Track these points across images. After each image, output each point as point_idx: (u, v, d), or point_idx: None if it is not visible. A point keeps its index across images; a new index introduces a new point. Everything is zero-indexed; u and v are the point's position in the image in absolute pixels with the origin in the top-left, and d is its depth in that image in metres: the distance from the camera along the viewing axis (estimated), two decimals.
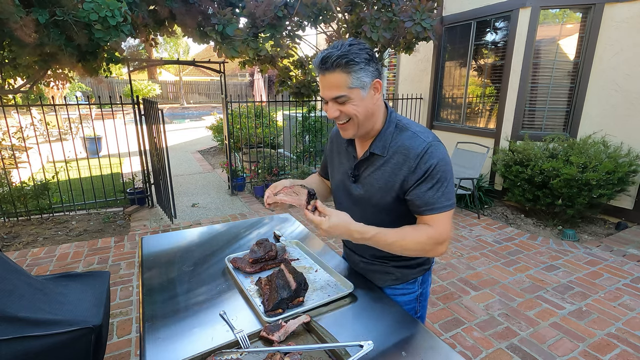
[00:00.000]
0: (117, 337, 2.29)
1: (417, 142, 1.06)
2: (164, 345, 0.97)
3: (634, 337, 2.30)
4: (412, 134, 1.09)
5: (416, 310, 1.31)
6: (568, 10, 4.31)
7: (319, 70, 1.02)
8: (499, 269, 3.17)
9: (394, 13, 4.05)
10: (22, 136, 5.29)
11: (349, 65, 0.97)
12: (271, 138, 6.95)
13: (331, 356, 0.93)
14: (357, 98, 1.02)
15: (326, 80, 1.01)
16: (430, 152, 1.04)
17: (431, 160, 1.04)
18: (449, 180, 1.07)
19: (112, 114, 5.05)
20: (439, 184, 1.05)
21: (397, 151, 1.09)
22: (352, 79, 0.99)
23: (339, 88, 1.00)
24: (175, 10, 3.75)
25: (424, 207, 1.06)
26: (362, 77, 0.99)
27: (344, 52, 0.97)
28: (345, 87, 1.00)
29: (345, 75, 0.98)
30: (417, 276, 1.27)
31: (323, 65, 0.99)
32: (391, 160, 1.10)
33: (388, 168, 1.10)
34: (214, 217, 4.42)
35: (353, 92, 1.00)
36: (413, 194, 1.07)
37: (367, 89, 1.02)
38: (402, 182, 1.08)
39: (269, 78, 16.94)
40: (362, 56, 0.98)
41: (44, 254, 3.38)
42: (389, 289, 1.28)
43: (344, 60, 0.97)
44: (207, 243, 1.63)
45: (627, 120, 4.02)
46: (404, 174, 1.07)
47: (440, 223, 1.06)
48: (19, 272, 1.18)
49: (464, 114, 5.41)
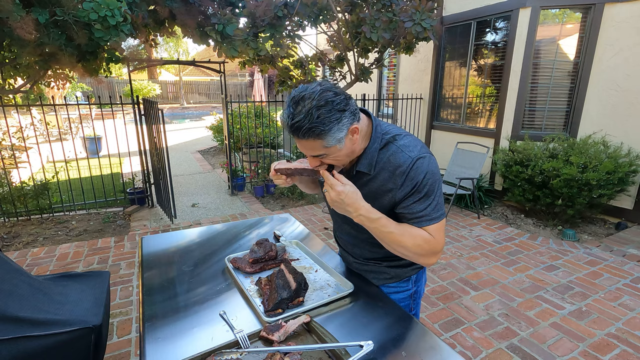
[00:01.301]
0: (117, 337, 2.29)
1: (402, 159, 1.06)
2: (164, 345, 0.97)
3: (634, 337, 2.30)
4: (397, 149, 1.08)
5: (410, 307, 1.34)
6: (568, 10, 4.31)
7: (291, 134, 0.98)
8: (499, 269, 3.17)
9: (394, 13, 4.05)
10: (22, 136, 5.29)
11: (321, 134, 0.95)
12: (271, 138, 6.96)
13: (331, 356, 0.93)
14: (335, 151, 1.01)
15: (301, 143, 1.00)
16: (416, 167, 1.04)
17: (418, 176, 1.04)
18: (437, 192, 1.08)
19: (112, 114, 5.05)
20: (426, 197, 1.06)
21: (384, 167, 1.09)
22: (326, 141, 0.97)
23: (315, 150, 1.00)
24: (175, 10, 3.75)
25: (414, 220, 1.07)
26: (337, 136, 0.97)
27: (313, 123, 0.92)
28: (322, 148, 0.99)
29: (320, 141, 0.97)
30: (411, 274, 1.30)
31: (294, 134, 0.97)
32: (378, 177, 1.10)
33: (375, 185, 1.11)
34: (214, 217, 4.42)
35: (330, 149, 1.00)
36: (403, 208, 1.08)
37: (344, 140, 1.00)
38: (390, 198, 1.09)
39: (269, 78, 16.94)
40: (332, 118, 0.94)
41: (44, 254, 3.38)
42: (384, 287, 1.30)
43: (315, 132, 0.94)
44: (207, 243, 1.63)
45: (627, 120, 4.02)
46: (392, 191, 1.08)
47: (433, 233, 1.07)
48: (19, 272, 1.18)
49: (464, 114, 5.41)
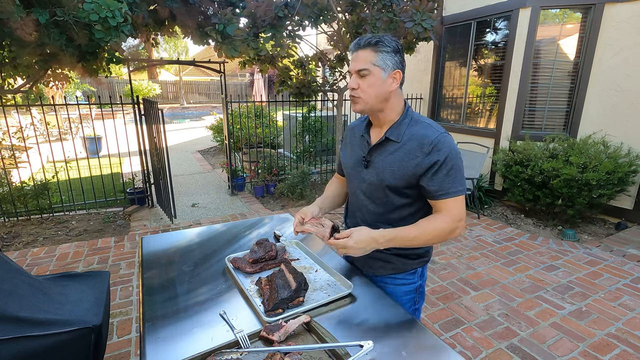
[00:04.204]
0: (117, 337, 2.29)
1: (430, 131, 1.16)
2: (164, 345, 0.97)
3: (634, 337, 2.30)
4: (427, 124, 1.19)
5: (415, 300, 1.36)
6: (568, 10, 4.31)
7: (353, 49, 1.16)
8: (499, 269, 3.17)
9: (394, 13, 4.05)
10: (22, 136, 5.29)
11: (377, 45, 1.12)
12: (271, 138, 6.96)
13: (331, 356, 0.93)
14: (377, 76, 1.14)
15: (357, 55, 1.15)
16: (443, 140, 1.14)
17: (444, 148, 1.13)
18: (461, 168, 1.16)
19: (112, 113, 5.05)
20: (453, 170, 1.13)
21: (411, 138, 1.17)
22: (377, 58, 1.12)
23: (364, 62, 1.13)
24: (176, 10, 3.75)
25: (439, 191, 1.14)
26: (386, 60, 1.13)
27: (377, 36, 1.14)
28: (370, 63, 1.13)
29: (374, 53, 1.12)
30: (417, 267, 1.33)
31: (358, 43, 1.15)
32: (405, 146, 1.18)
33: (401, 153, 1.18)
34: (214, 217, 4.42)
35: (375, 69, 1.13)
36: (428, 179, 1.15)
37: (388, 72, 1.14)
38: (415, 166, 1.15)
39: (269, 78, 16.93)
40: (391, 44, 1.13)
41: (44, 254, 3.38)
42: (389, 278, 1.33)
43: (374, 40, 1.12)
44: (207, 243, 1.63)
45: (627, 120, 4.02)
46: (418, 159, 1.15)
47: (454, 206, 1.15)
48: (19, 272, 1.18)
49: (464, 114, 5.41)
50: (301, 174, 5.04)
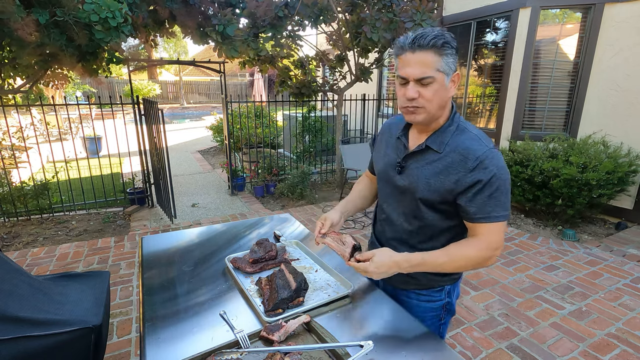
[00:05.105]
0: (117, 337, 2.29)
1: (478, 145, 1.02)
2: (164, 345, 0.97)
3: (634, 337, 2.30)
4: (474, 135, 1.05)
5: (441, 317, 1.24)
6: (568, 10, 4.31)
7: (408, 48, 0.96)
8: (499, 269, 3.17)
9: (394, 14, 4.05)
10: (22, 136, 5.30)
11: (443, 47, 0.94)
12: (271, 138, 6.96)
13: (331, 356, 0.93)
14: (440, 83, 0.98)
15: (415, 58, 0.96)
16: (492, 157, 0.99)
17: (491, 166, 0.99)
18: (508, 190, 1.02)
19: (112, 113, 5.06)
20: (497, 192, 1.00)
21: (455, 150, 1.03)
22: (442, 62, 0.95)
23: (428, 68, 0.95)
24: (176, 10, 3.75)
25: (479, 214, 1.01)
26: (450, 64, 0.97)
27: (439, 33, 0.94)
28: (434, 69, 0.96)
29: (438, 57, 0.95)
30: (445, 285, 1.20)
31: (416, 42, 0.95)
32: (446, 158, 1.04)
33: (441, 165, 1.05)
34: (214, 217, 4.42)
35: (439, 75, 0.97)
36: (467, 200, 1.02)
37: (450, 77, 0.99)
38: (454, 182, 1.02)
39: (269, 78, 16.93)
40: (454, 43, 0.97)
41: (44, 254, 3.38)
42: (413, 294, 1.22)
43: (440, 40, 0.94)
44: (207, 243, 1.63)
45: (627, 120, 4.02)
46: (459, 174, 1.01)
47: (493, 232, 1.02)
48: (19, 272, 1.18)
49: (464, 114, 5.41)
50: (301, 174, 5.04)
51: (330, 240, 1.19)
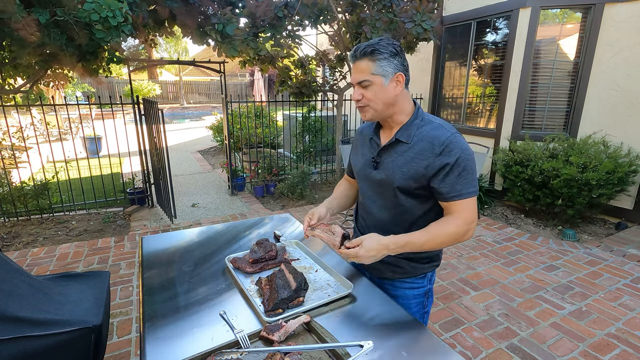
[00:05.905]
0: (117, 337, 2.29)
1: (441, 132, 1.14)
2: (164, 345, 0.97)
3: (634, 337, 2.30)
4: (438, 125, 1.17)
5: (424, 304, 1.35)
6: (568, 10, 4.31)
7: (351, 58, 1.16)
8: (499, 269, 3.17)
9: (394, 14, 4.05)
10: (22, 136, 5.29)
11: (373, 54, 1.10)
12: (271, 138, 6.96)
13: (331, 356, 0.93)
14: (378, 85, 1.12)
15: (355, 66, 1.14)
16: (455, 141, 1.12)
17: (455, 149, 1.11)
18: (473, 169, 1.14)
19: (112, 113, 5.06)
20: (465, 172, 1.12)
21: (422, 139, 1.16)
22: (375, 67, 1.11)
23: (363, 73, 1.13)
24: (176, 10, 3.75)
25: (451, 193, 1.12)
26: (385, 67, 1.11)
27: (371, 44, 1.11)
28: (369, 73, 1.12)
29: (372, 63, 1.11)
30: (427, 271, 1.32)
31: (354, 54, 1.13)
32: (415, 147, 1.16)
33: (411, 154, 1.17)
34: (214, 217, 4.42)
35: (375, 78, 1.12)
36: (439, 182, 1.13)
37: (389, 78, 1.12)
38: (425, 167, 1.14)
39: (269, 78, 16.93)
40: (387, 49, 1.11)
41: (44, 254, 3.38)
42: (398, 282, 1.32)
43: (369, 49, 1.10)
44: (207, 243, 1.63)
45: (627, 120, 4.02)
46: (429, 160, 1.13)
47: (466, 208, 1.13)
48: (19, 272, 1.18)
49: (464, 114, 5.41)
50: (301, 174, 5.04)
51: (319, 231, 1.24)
